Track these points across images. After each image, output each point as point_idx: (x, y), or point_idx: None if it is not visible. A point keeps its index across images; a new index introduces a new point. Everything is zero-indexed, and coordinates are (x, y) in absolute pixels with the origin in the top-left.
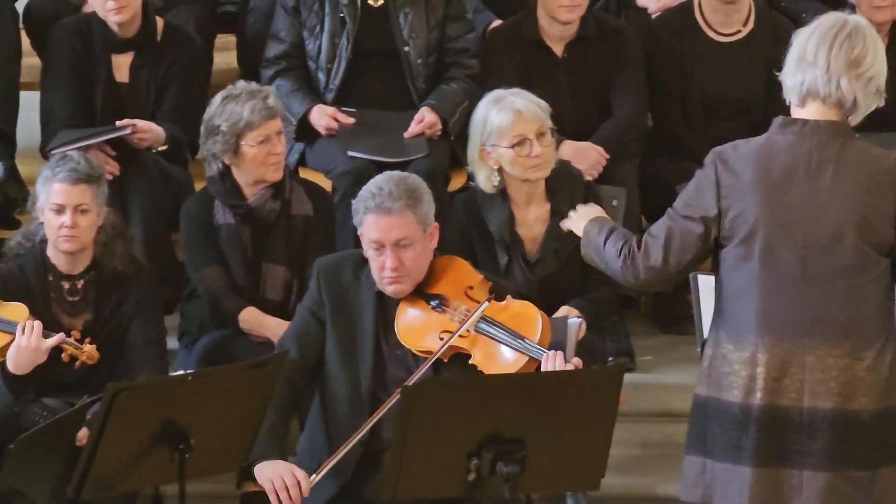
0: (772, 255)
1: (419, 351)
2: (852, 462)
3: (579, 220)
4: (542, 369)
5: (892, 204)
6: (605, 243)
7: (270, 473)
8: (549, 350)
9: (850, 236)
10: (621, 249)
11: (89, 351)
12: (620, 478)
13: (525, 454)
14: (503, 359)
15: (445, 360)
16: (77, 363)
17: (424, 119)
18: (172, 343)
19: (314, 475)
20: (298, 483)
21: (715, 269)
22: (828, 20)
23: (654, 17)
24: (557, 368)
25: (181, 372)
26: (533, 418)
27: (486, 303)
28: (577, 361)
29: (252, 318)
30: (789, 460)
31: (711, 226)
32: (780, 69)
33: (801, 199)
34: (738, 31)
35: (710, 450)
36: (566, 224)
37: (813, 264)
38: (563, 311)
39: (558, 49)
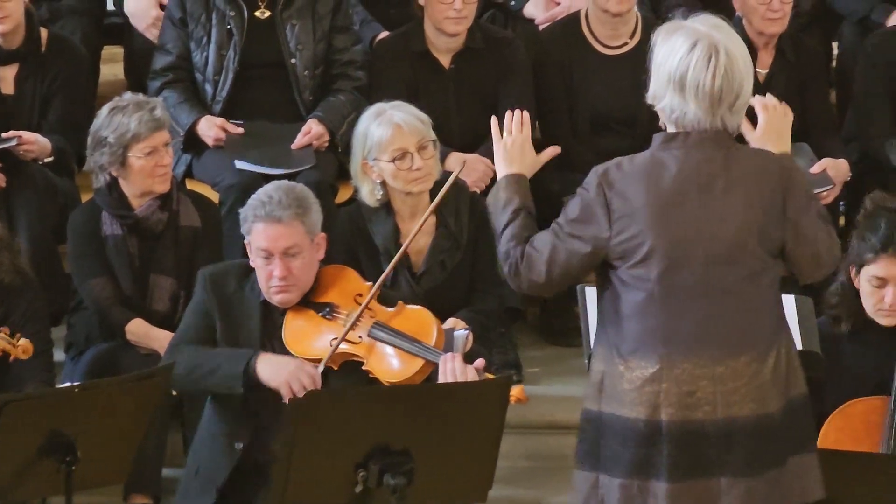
0: (672, 274)
1: (309, 359)
2: (769, 463)
3: (501, 151)
4: (440, 371)
5: (781, 204)
6: (503, 228)
7: (286, 376)
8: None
9: (751, 244)
10: (510, 251)
11: (24, 345)
12: (507, 489)
13: (412, 466)
14: (398, 363)
15: (336, 368)
16: (10, 358)
17: (311, 131)
18: (59, 355)
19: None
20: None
21: (603, 286)
22: (679, 36)
23: (541, 28)
24: (456, 371)
25: (68, 384)
26: (420, 430)
27: (372, 294)
28: (479, 362)
29: (139, 330)
30: (707, 470)
31: (602, 247)
32: None
33: (695, 215)
34: (626, 44)
35: (604, 465)
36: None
37: (715, 278)
38: (450, 322)
39: (445, 61)
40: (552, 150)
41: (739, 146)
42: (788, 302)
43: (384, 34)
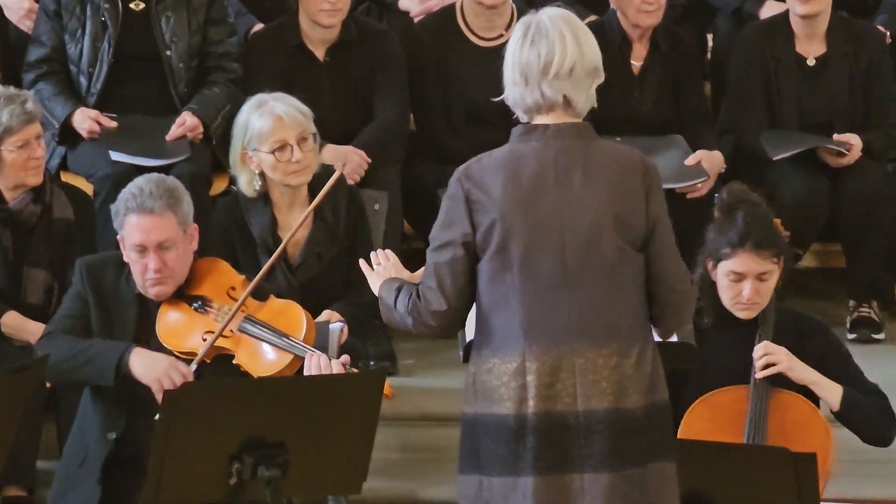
0: (530, 264)
1: (181, 353)
2: (628, 460)
3: (376, 279)
4: (306, 367)
5: (643, 198)
6: (395, 303)
7: (159, 374)
8: (314, 348)
9: (608, 235)
10: (408, 303)
11: None
12: (382, 481)
13: (287, 458)
14: (267, 358)
15: (208, 361)
16: None
17: (185, 122)
18: None
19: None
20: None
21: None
22: (517, 28)
23: (416, 21)
24: (321, 367)
25: None
26: (295, 422)
27: (247, 292)
28: (345, 358)
29: (13, 322)
30: (570, 465)
31: (470, 242)
32: None
33: (553, 205)
34: (501, 36)
35: (484, 466)
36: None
37: (573, 268)
38: (326, 315)
39: (320, 53)
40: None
41: (600, 139)
42: None
43: (259, 26)
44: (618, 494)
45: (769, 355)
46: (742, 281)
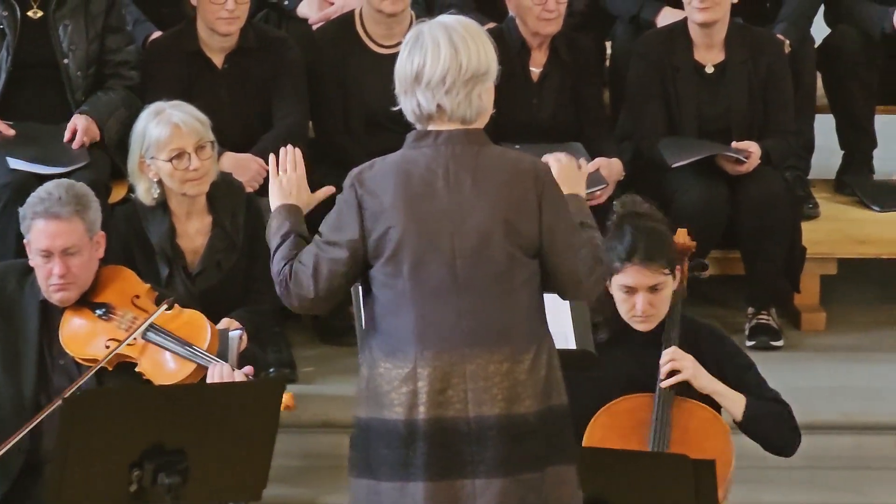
0: (421, 269)
1: (83, 359)
2: (523, 465)
3: (277, 191)
4: (209, 377)
5: (535, 204)
6: (275, 251)
7: None
8: (218, 358)
9: (497, 241)
10: (281, 270)
11: None
12: (282, 488)
13: (187, 465)
14: (170, 366)
15: (110, 369)
16: None
17: (77, 126)
18: None
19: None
20: None
21: (364, 290)
22: (408, 40)
23: (315, 28)
24: (224, 377)
25: None
26: (195, 430)
27: (164, 307)
28: (248, 369)
29: None
30: (462, 471)
31: (357, 248)
32: None
33: (443, 210)
34: (399, 43)
35: (375, 471)
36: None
37: (463, 273)
38: (224, 322)
39: (218, 60)
40: (327, 190)
41: (492, 145)
42: (564, 305)
43: (157, 34)
44: (512, 499)
45: (675, 361)
46: (634, 294)
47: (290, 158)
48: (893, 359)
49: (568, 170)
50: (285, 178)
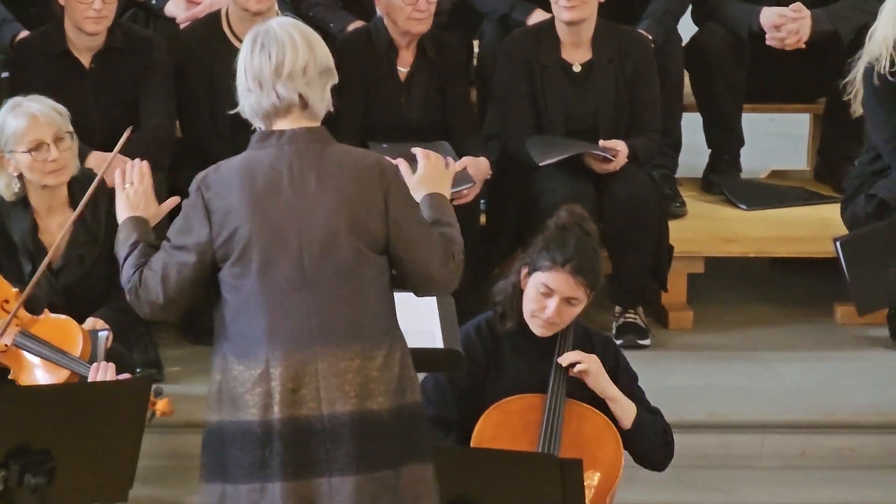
0: (269, 269)
1: None
2: (377, 463)
3: (124, 203)
4: (91, 377)
5: (381, 200)
6: (124, 260)
7: None
8: (89, 363)
9: (344, 238)
10: (130, 278)
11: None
12: (148, 488)
13: (53, 465)
14: (44, 374)
15: None
16: None
17: None
18: None
19: None
20: None
21: (214, 293)
22: (246, 38)
23: (182, 27)
24: (108, 377)
25: None
26: (61, 430)
27: (18, 308)
28: (122, 376)
29: None
30: (317, 469)
31: (205, 251)
32: None
33: (289, 210)
34: None
35: (230, 474)
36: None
37: (311, 271)
38: (91, 322)
39: (86, 60)
40: (173, 200)
41: (336, 143)
42: (430, 302)
43: (25, 33)
44: (366, 497)
45: (581, 358)
46: (549, 297)
47: (137, 171)
48: (760, 357)
49: (435, 167)
50: (132, 191)
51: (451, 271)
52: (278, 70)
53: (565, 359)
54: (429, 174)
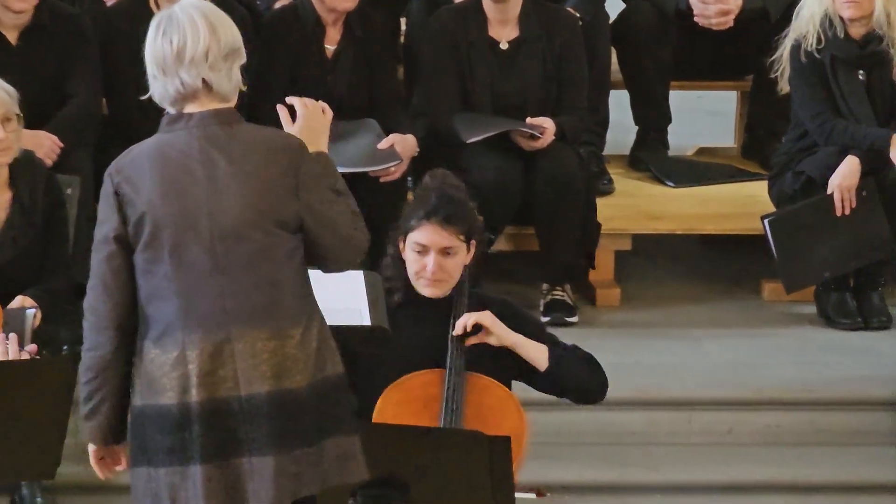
0: (182, 252)
1: None
2: (297, 441)
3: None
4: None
5: (292, 180)
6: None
7: None
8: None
9: (255, 219)
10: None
11: None
12: (76, 466)
13: None
14: None
15: None
16: None
17: None
18: None
19: None
20: None
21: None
22: (151, 24)
23: (108, 3)
24: (10, 355)
25: None
26: None
27: None
28: (32, 348)
29: None
30: (237, 450)
31: (122, 237)
32: None
33: (199, 193)
34: None
35: (151, 458)
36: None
37: (222, 254)
38: (18, 301)
39: (12, 37)
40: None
41: (246, 124)
42: (357, 277)
43: None
44: (288, 476)
45: (473, 316)
46: (426, 254)
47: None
48: (687, 335)
49: (313, 115)
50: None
51: (354, 245)
52: (180, 56)
53: (458, 327)
54: (307, 124)
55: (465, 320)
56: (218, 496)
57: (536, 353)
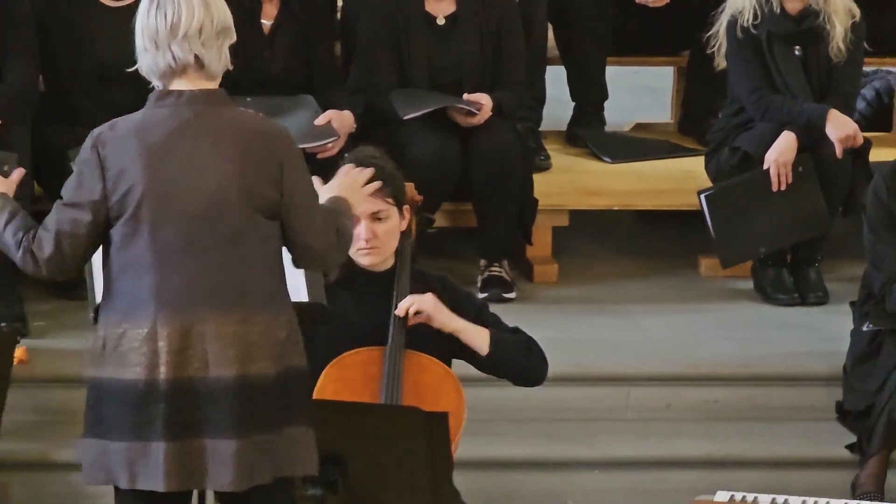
0: (159, 229)
1: None
2: (257, 427)
3: None
4: None
5: (276, 167)
6: (4, 228)
7: None
8: None
9: (234, 202)
10: (21, 241)
11: None
12: (13, 443)
13: None
14: None
15: None
16: None
17: None
18: None
19: None
20: None
21: (104, 249)
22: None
23: None
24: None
25: None
26: None
27: None
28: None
29: None
30: (200, 431)
31: (100, 209)
32: None
33: (182, 171)
34: None
35: (109, 431)
36: None
37: (198, 234)
38: None
39: None
40: (19, 172)
41: (235, 107)
42: None
43: None
44: (245, 461)
45: (414, 302)
46: (358, 223)
47: None
48: (625, 310)
49: (351, 182)
50: None
51: (330, 243)
52: (173, 30)
53: (401, 309)
54: (340, 187)
55: (408, 304)
56: (177, 474)
57: (477, 339)
